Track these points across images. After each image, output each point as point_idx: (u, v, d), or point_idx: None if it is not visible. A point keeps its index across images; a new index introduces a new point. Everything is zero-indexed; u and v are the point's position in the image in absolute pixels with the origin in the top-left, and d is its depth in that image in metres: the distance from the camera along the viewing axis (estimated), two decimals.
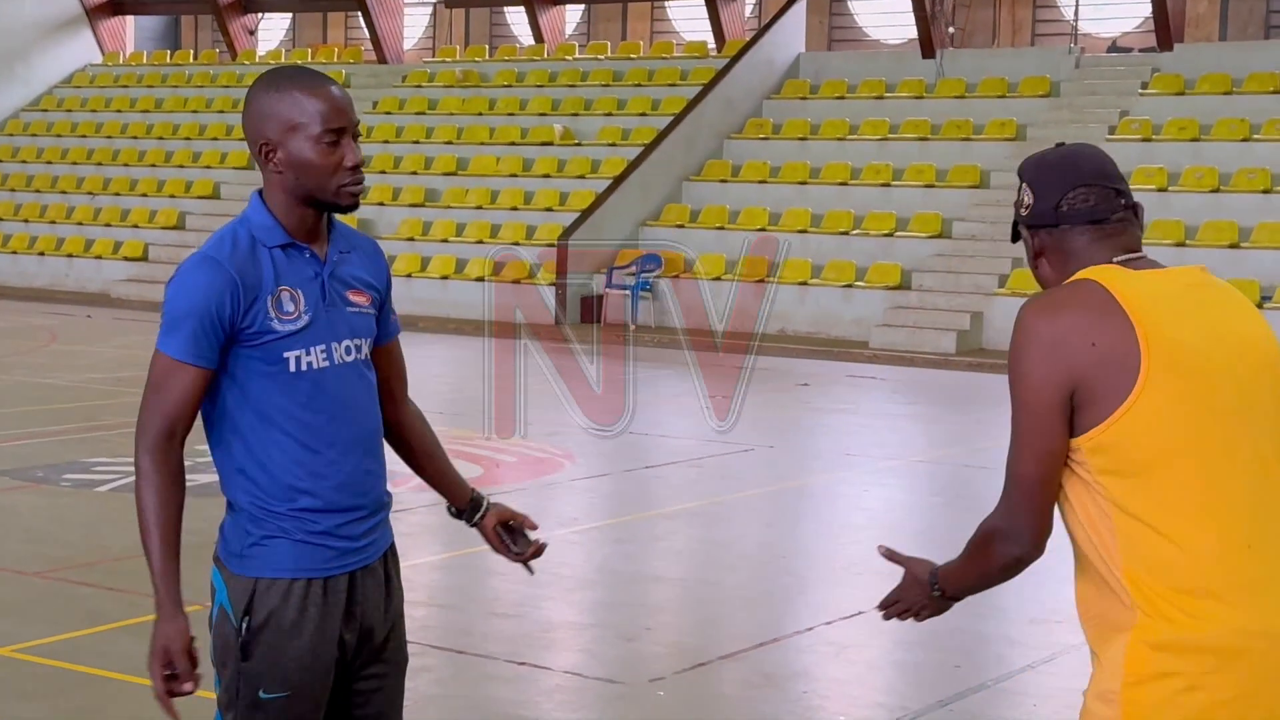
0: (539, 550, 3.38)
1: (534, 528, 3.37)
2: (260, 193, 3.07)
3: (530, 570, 3.43)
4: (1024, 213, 2.75)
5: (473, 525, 3.38)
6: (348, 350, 3.08)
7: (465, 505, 3.37)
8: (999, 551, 2.69)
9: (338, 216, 3.15)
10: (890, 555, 3.09)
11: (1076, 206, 2.68)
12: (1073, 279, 2.63)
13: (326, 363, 3.04)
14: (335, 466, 3.06)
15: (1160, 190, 20.85)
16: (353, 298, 3.11)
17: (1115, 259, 2.64)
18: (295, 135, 2.96)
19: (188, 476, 3.06)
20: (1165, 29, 23.63)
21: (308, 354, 3.02)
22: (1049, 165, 2.76)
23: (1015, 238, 2.91)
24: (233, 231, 3.03)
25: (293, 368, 3.01)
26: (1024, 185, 2.76)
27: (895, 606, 3.09)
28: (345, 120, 2.99)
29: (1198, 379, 2.54)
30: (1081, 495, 2.59)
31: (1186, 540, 2.52)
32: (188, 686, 3.02)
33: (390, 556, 3.23)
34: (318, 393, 3.03)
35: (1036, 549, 2.65)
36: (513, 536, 3.38)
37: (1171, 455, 2.53)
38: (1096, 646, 2.61)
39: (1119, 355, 2.53)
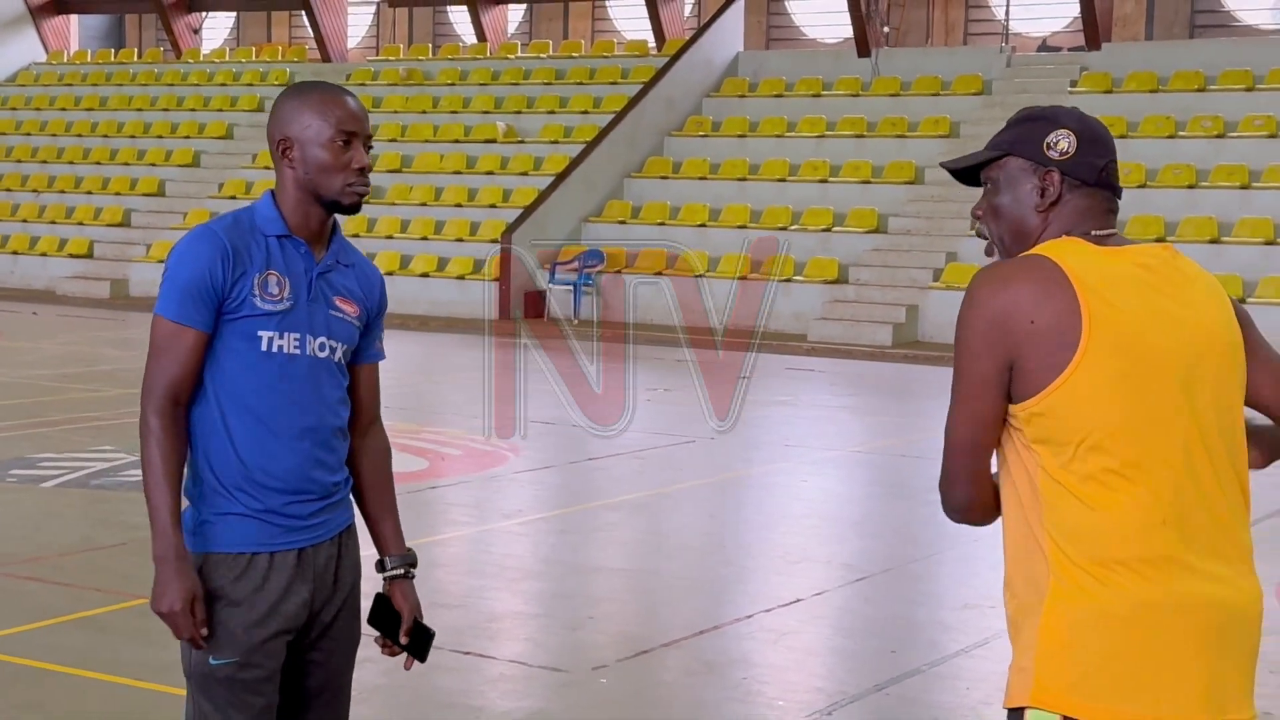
0: (394, 652, 3.37)
1: (407, 634, 3.35)
2: (273, 192, 3.20)
3: (388, 652, 3.39)
4: (1059, 158, 2.69)
5: (387, 576, 3.36)
6: (321, 347, 3.16)
7: (394, 555, 3.36)
8: (944, 510, 2.73)
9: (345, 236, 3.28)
10: None
11: (1108, 176, 2.73)
12: (1031, 252, 2.65)
13: (298, 350, 3.13)
14: (289, 449, 3.12)
15: None
16: (339, 303, 3.20)
17: (1093, 231, 2.69)
18: (312, 133, 3.11)
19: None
20: (1093, 29, 23.86)
21: (280, 338, 3.11)
22: (1095, 127, 2.75)
23: (973, 179, 2.83)
24: (236, 214, 3.18)
25: (264, 347, 3.10)
26: (1065, 131, 2.71)
27: None
28: (357, 126, 3.14)
29: (1139, 360, 2.57)
30: (1015, 460, 2.63)
31: (1107, 512, 2.56)
32: (204, 632, 3.07)
33: (346, 537, 3.28)
34: (283, 377, 3.12)
35: (966, 515, 2.71)
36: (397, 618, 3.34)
37: (1102, 430, 2.56)
38: (1018, 617, 2.63)
39: (1059, 331, 2.55)
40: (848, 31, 26.39)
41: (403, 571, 3.36)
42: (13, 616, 6.69)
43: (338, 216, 3.24)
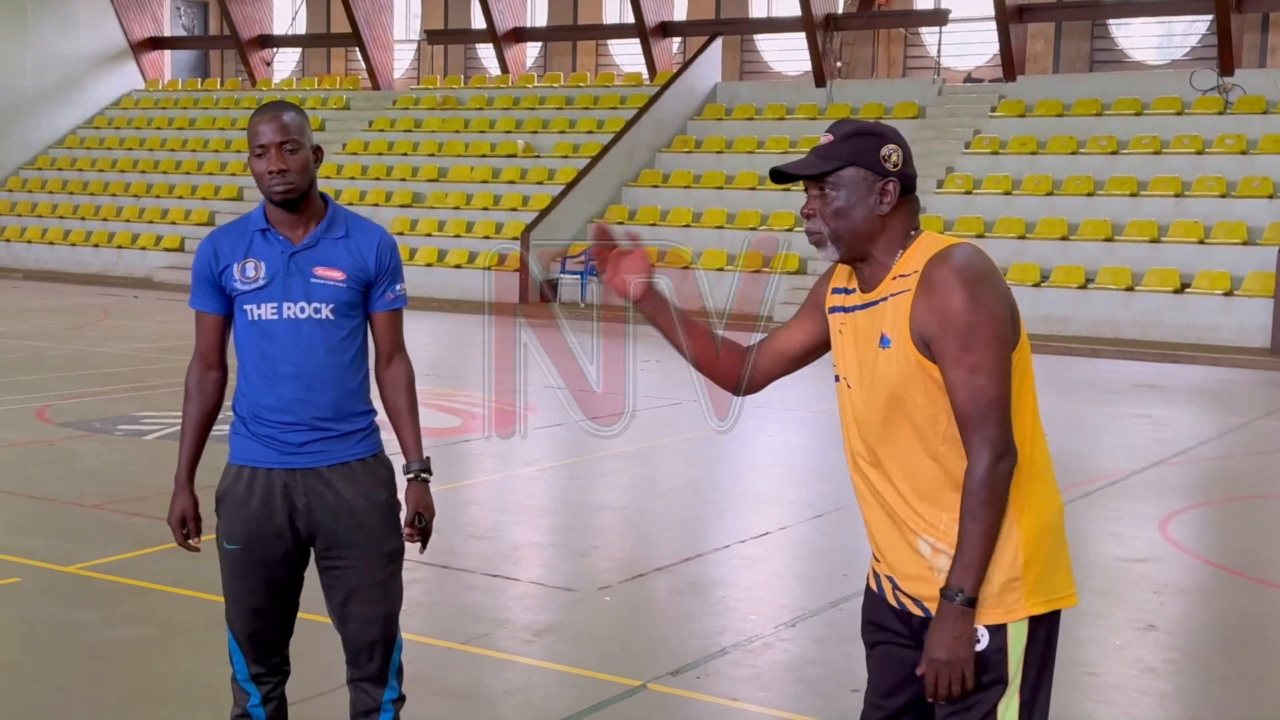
0: (412, 535, 3.51)
1: (410, 525, 3.49)
2: None
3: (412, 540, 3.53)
4: (892, 168, 2.62)
5: (406, 478, 3.55)
6: (301, 309, 3.35)
7: (409, 463, 3.54)
8: (1004, 472, 2.48)
9: (352, 212, 3.50)
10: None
11: (915, 184, 2.69)
12: (966, 241, 2.60)
13: (275, 316, 3.34)
14: (276, 391, 3.35)
15: (1006, 194, 21.02)
16: (320, 272, 3.36)
17: (913, 230, 2.65)
18: (251, 152, 3.34)
19: None
20: (1010, 64, 23.79)
21: (259, 308, 3.34)
22: (905, 143, 2.69)
23: (819, 174, 2.64)
24: (240, 219, 3.44)
25: (250, 317, 3.36)
26: (894, 146, 2.64)
27: (940, 683, 2.55)
28: (267, 139, 3.29)
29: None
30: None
31: (1026, 436, 2.60)
32: (194, 541, 3.49)
33: (352, 467, 3.40)
34: (266, 337, 3.35)
35: (1014, 464, 2.51)
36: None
37: (1028, 378, 2.61)
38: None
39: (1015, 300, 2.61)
40: (807, 66, 26.30)
41: (413, 475, 3.51)
42: (121, 545, 6.72)
43: (332, 203, 3.43)
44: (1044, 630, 2.60)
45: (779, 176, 2.68)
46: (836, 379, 2.80)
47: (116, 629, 5.45)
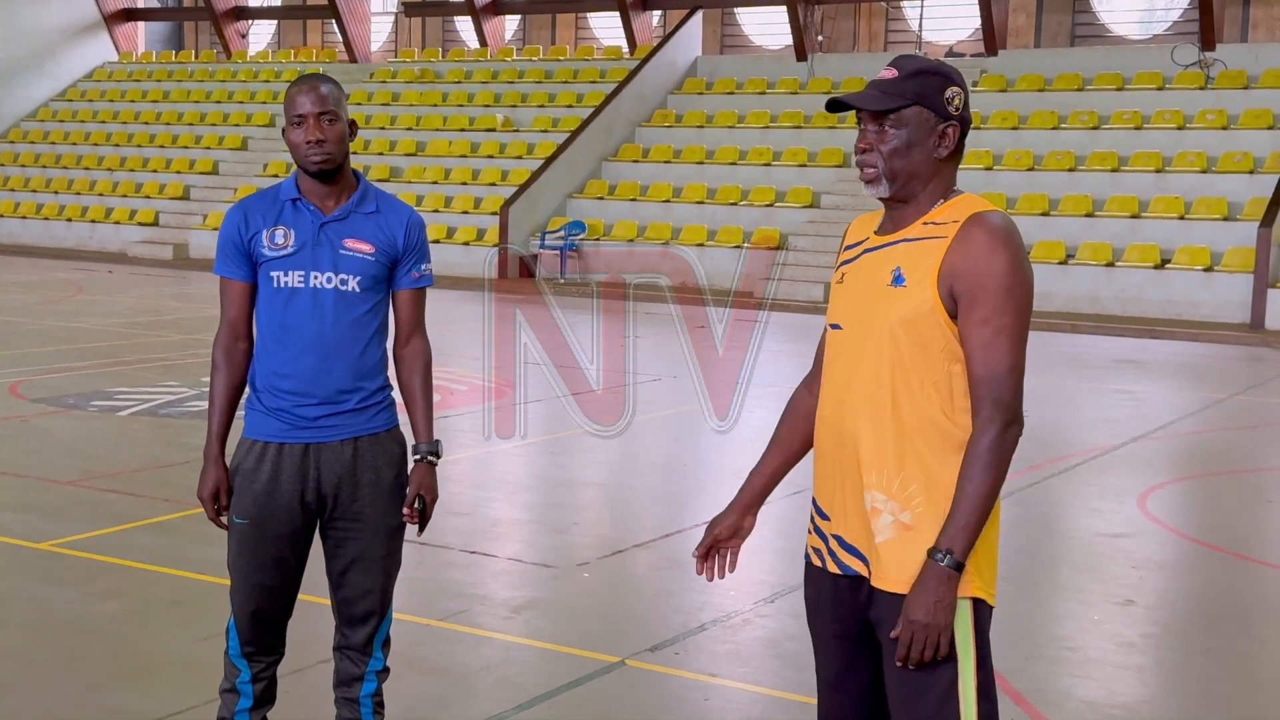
0: (411, 517, 3.47)
1: (410, 506, 3.44)
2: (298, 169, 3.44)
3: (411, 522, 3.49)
4: (954, 112, 2.55)
5: (414, 459, 3.52)
6: (328, 280, 3.34)
7: (418, 444, 3.53)
8: (1012, 439, 2.46)
9: (380, 189, 3.52)
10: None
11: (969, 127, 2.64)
12: (996, 209, 2.55)
13: (301, 284, 3.33)
14: (295, 361, 3.34)
15: (987, 169, 21.05)
16: (349, 244, 3.37)
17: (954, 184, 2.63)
18: (287, 122, 3.35)
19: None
20: (992, 38, 23.79)
21: (286, 275, 3.33)
22: (966, 86, 2.61)
23: (836, 107, 2.62)
24: (270, 188, 3.44)
25: (275, 284, 3.34)
26: (956, 87, 2.55)
27: (914, 646, 2.49)
28: (305, 109, 3.30)
29: None
30: (949, 371, 2.52)
31: None
32: (224, 518, 3.43)
33: (367, 442, 3.41)
34: (289, 305, 3.33)
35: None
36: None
37: None
38: (939, 505, 2.51)
39: None
40: (788, 39, 26.24)
41: (420, 457, 3.51)
42: (95, 522, 6.69)
43: (364, 179, 3.43)
44: (986, 615, 2.54)
45: (838, 106, 2.60)
46: (828, 329, 2.75)
47: (91, 605, 5.42)
